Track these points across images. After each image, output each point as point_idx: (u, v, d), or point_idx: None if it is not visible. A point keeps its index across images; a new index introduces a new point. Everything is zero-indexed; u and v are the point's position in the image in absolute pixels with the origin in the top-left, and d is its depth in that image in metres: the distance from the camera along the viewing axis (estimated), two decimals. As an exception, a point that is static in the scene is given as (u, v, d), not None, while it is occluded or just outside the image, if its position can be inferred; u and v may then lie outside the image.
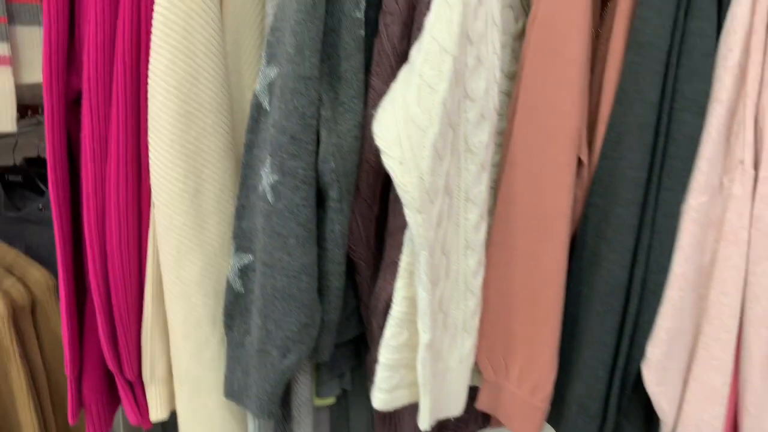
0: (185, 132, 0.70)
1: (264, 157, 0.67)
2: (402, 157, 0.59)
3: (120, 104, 0.72)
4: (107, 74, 0.72)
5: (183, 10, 0.68)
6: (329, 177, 0.67)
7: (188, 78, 0.69)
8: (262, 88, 0.68)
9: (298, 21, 0.63)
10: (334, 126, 0.67)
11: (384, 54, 0.69)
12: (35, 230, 1.21)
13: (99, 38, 0.72)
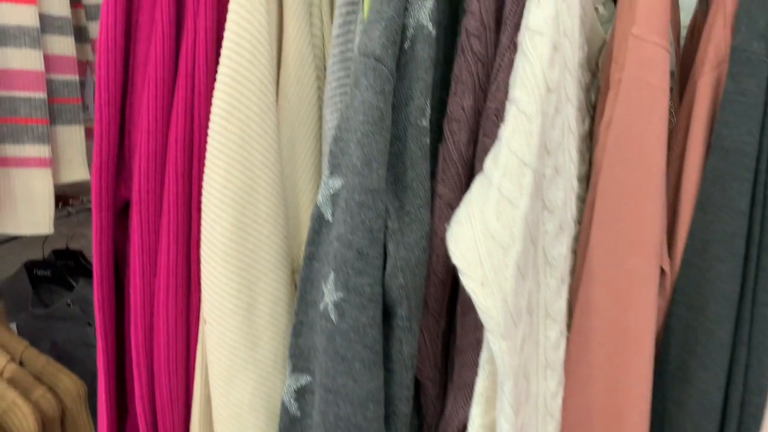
0: (240, 245, 0.66)
1: (327, 272, 0.63)
2: (484, 278, 0.55)
3: (171, 216, 0.69)
4: (158, 184, 0.70)
5: (240, 119, 0.65)
6: (397, 293, 0.62)
7: (245, 189, 0.66)
8: (324, 199, 0.64)
9: (365, 133, 0.61)
10: (401, 238, 0.63)
11: (450, 161, 0.66)
12: (62, 327, 1.17)
13: (151, 147, 0.69)
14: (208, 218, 0.66)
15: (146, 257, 0.69)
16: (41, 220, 0.88)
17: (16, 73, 0.83)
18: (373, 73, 0.61)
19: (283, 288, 0.70)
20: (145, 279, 0.69)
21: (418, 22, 0.65)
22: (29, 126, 0.85)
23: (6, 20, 0.82)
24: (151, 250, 0.69)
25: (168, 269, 0.68)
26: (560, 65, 0.59)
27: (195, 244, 0.70)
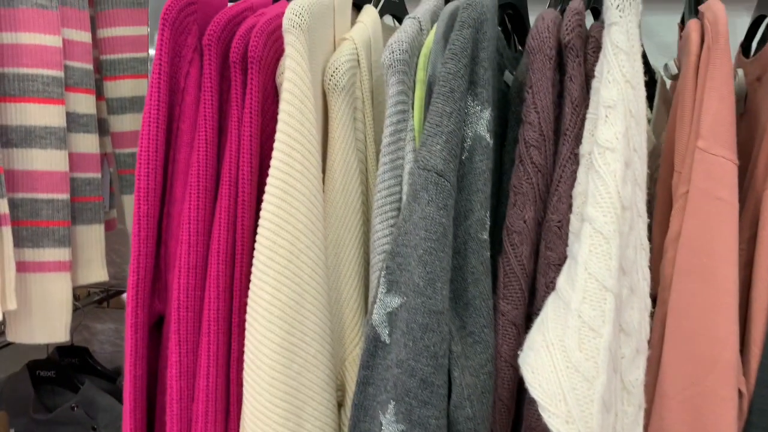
0: (287, 367, 0.61)
1: (384, 400, 0.58)
2: (568, 415, 0.51)
3: (211, 335, 0.64)
4: (198, 301, 0.65)
5: (290, 231, 0.62)
6: (465, 426, 0.57)
7: (293, 305, 0.62)
8: (380, 318, 0.60)
9: (428, 250, 0.57)
10: (466, 362, 0.59)
11: (513, 275, 0.62)
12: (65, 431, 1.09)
13: (192, 261, 0.65)
14: (253, 338, 0.61)
15: (184, 381, 0.63)
16: (57, 327, 0.83)
17: (40, 175, 0.80)
18: (435, 188, 0.58)
19: (330, 413, 0.65)
20: (182, 404, 0.63)
21: (476, 133, 0.63)
22: (50, 228, 0.81)
23: (33, 121, 0.79)
24: (189, 372, 0.64)
25: (207, 394, 0.63)
26: (631, 181, 0.57)
27: (235, 365, 0.66)
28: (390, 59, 0.66)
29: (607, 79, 0.58)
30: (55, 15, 0.80)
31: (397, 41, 0.67)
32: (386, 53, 0.67)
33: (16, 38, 0.77)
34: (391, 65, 0.66)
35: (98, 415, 1.09)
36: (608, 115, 0.57)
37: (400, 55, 0.66)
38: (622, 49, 0.58)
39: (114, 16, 0.97)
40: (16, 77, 0.78)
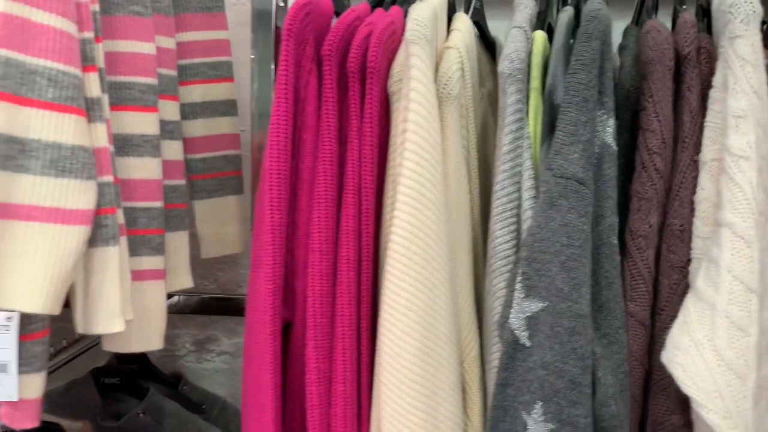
0: (425, 370, 0.63)
1: (529, 401, 0.61)
2: (726, 411, 0.54)
3: (346, 341, 0.65)
4: (330, 307, 0.66)
5: (422, 239, 0.64)
6: (609, 423, 0.60)
7: (428, 310, 0.64)
8: (518, 321, 0.62)
9: (571, 256, 0.60)
10: (606, 363, 0.62)
11: (639, 278, 0.65)
12: (131, 439, 1.08)
13: (324, 269, 0.66)
14: (391, 342, 0.63)
15: (322, 386, 0.64)
16: (153, 336, 0.82)
17: (138, 183, 0.79)
18: (575, 196, 0.61)
19: (460, 413, 0.67)
20: (322, 409, 0.64)
21: (603, 141, 0.65)
22: (147, 237, 0.80)
23: (130, 130, 0.78)
24: (326, 378, 0.65)
25: (345, 398, 0.64)
26: (764, 188, 0.60)
27: (365, 369, 0.67)
28: (510, 68, 0.68)
29: (735, 89, 0.61)
30: (150, 22, 0.80)
31: (516, 51, 0.69)
32: (505, 63, 0.69)
33: (114, 46, 0.77)
34: (511, 74, 0.68)
35: (165, 420, 1.09)
36: (739, 125, 0.60)
37: (519, 64, 0.68)
38: (748, 61, 0.61)
39: (186, 21, 0.96)
40: (114, 85, 0.77)
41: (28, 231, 0.60)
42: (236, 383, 1.32)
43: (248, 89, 1.15)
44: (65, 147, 0.61)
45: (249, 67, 0.98)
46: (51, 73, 0.61)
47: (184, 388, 1.17)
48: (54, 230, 0.61)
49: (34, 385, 0.66)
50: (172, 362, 1.30)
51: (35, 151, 0.60)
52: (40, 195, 0.61)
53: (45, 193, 0.61)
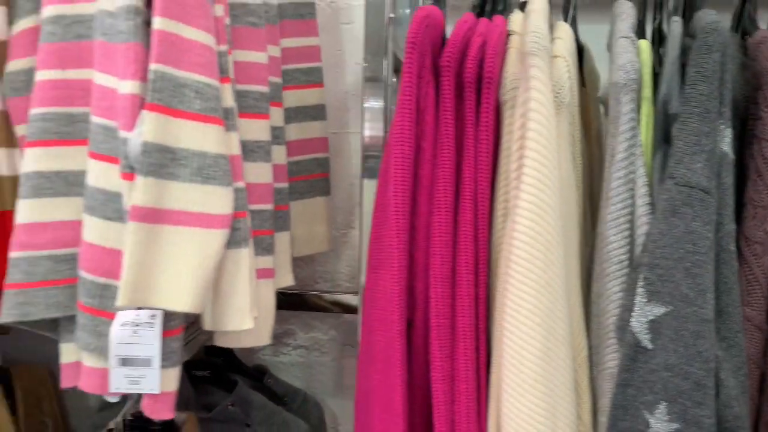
0: (546, 370, 0.66)
1: (651, 401, 0.63)
2: None
3: (468, 342, 0.68)
4: (450, 308, 0.69)
5: (543, 243, 0.66)
6: (732, 423, 0.62)
7: (549, 313, 0.66)
8: (640, 325, 0.65)
9: (696, 263, 0.62)
10: (727, 365, 0.64)
11: (756, 283, 0.67)
12: (220, 428, 1.13)
13: (444, 272, 0.69)
14: (514, 344, 0.65)
15: (446, 384, 0.67)
16: (264, 332, 0.86)
17: (252, 187, 0.82)
18: (700, 204, 0.63)
19: (575, 412, 0.70)
20: (447, 406, 0.67)
21: (722, 150, 0.67)
22: (259, 238, 0.84)
23: (245, 136, 0.82)
24: (449, 376, 0.68)
25: (467, 396, 0.67)
26: None
27: (483, 369, 0.70)
28: (625, 79, 0.70)
29: None
30: (264, 32, 0.83)
31: (630, 62, 0.70)
32: (620, 73, 0.70)
33: (233, 56, 0.80)
34: (626, 84, 0.70)
35: (252, 412, 1.13)
36: None
37: (633, 75, 0.70)
38: None
39: (283, 28, 1.00)
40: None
41: (177, 235, 0.64)
42: (311, 376, 1.36)
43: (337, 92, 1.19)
44: (209, 155, 0.65)
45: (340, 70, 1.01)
46: (198, 86, 0.64)
47: (268, 381, 1.21)
48: (200, 234, 0.65)
49: (171, 379, 0.71)
50: (250, 355, 1.35)
51: (184, 160, 0.64)
52: (188, 201, 0.64)
53: (192, 199, 0.65)
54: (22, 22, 0.82)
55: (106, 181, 0.70)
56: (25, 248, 0.76)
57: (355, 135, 1.26)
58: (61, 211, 0.77)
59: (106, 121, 0.70)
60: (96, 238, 0.71)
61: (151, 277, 0.63)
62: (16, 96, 0.83)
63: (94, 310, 0.72)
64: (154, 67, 0.62)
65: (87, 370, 0.73)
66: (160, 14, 0.61)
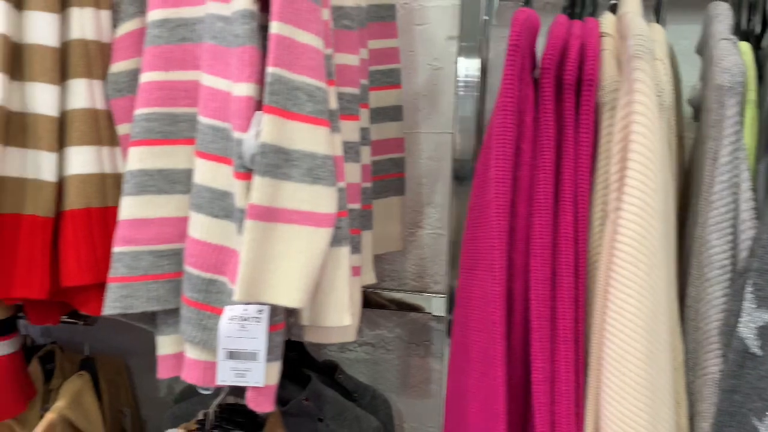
0: (649, 373, 0.66)
1: (761, 408, 0.63)
2: None
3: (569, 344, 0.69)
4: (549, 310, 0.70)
5: (648, 247, 0.66)
6: None
7: (652, 316, 0.66)
8: (749, 331, 0.64)
9: (811, 269, 0.61)
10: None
11: None
12: (294, 422, 1.15)
13: (546, 274, 0.70)
14: (616, 347, 0.66)
15: (548, 386, 0.68)
16: (350, 329, 0.88)
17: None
18: (815, 211, 0.62)
19: (674, 416, 0.69)
20: (549, 408, 0.68)
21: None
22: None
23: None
24: (550, 379, 0.68)
25: (568, 398, 0.68)
26: None
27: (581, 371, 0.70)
28: (731, 82, 0.70)
29: None
30: (356, 35, 0.85)
31: (735, 65, 0.70)
32: (726, 76, 0.70)
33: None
34: (731, 87, 0.70)
35: (325, 407, 1.15)
36: None
37: (739, 77, 0.70)
38: None
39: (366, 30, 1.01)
40: (326, 95, 0.82)
41: (289, 233, 0.66)
42: (376, 373, 1.38)
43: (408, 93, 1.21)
44: (318, 156, 0.67)
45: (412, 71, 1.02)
46: (309, 88, 0.66)
47: (339, 377, 1.23)
48: (309, 232, 0.67)
49: (274, 373, 0.73)
50: (316, 351, 1.37)
51: (296, 161, 0.66)
52: (299, 200, 0.66)
53: (303, 198, 0.66)
54: (125, 26, 0.86)
55: (213, 179, 0.73)
56: (128, 243, 0.79)
57: (425, 135, 1.27)
58: (163, 208, 0.79)
59: (216, 122, 0.72)
60: (202, 235, 0.74)
61: (265, 273, 0.65)
62: (119, 97, 0.86)
63: (200, 304, 0.74)
64: (271, 70, 0.64)
65: (190, 361, 0.76)
66: (277, 19, 0.63)
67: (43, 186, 0.83)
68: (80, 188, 0.83)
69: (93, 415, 1.05)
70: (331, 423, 1.15)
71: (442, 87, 1.25)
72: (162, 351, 0.83)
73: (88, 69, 0.83)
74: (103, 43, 0.85)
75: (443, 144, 1.26)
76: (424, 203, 1.29)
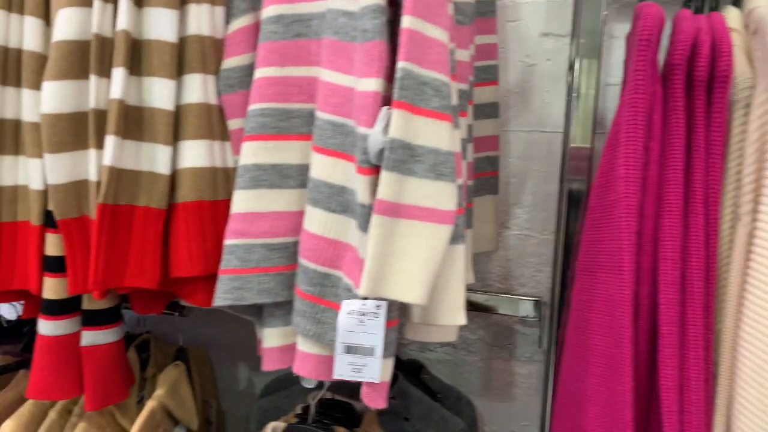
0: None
1: None
2: None
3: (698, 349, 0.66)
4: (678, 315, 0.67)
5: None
6: None
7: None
8: None
9: None
10: None
11: None
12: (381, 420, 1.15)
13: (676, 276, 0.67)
14: (754, 356, 0.63)
15: (678, 394, 0.65)
16: (453, 329, 0.87)
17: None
18: None
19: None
20: (678, 416, 0.65)
21: None
22: (454, 235, 0.85)
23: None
24: (679, 386, 0.66)
25: (698, 407, 0.65)
26: None
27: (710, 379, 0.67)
28: None
29: None
30: (469, 30, 0.84)
31: None
32: None
33: (441, 54, 0.81)
34: None
35: (411, 406, 1.15)
36: None
37: None
38: None
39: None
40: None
41: (412, 229, 0.66)
42: (457, 375, 1.36)
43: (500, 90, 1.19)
44: (441, 152, 0.66)
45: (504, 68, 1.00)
46: (436, 83, 0.65)
47: (424, 377, 1.22)
48: (431, 229, 0.66)
49: (388, 369, 0.72)
50: (399, 349, 1.37)
51: (421, 156, 0.65)
52: (422, 196, 0.66)
53: (426, 194, 0.66)
54: (237, 21, 0.87)
55: (331, 174, 0.73)
56: (241, 236, 0.80)
57: (514, 133, 1.25)
58: (276, 203, 0.80)
59: (336, 118, 0.72)
60: (319, 229, 0.74)
61: (388, 269, 0.65)
62: (231, 92, 0.87)
63: (314, 298, 0.75)
64: (402, 65, 0.63)
65: (302, 354, 0.76)
66: (410, 13, 0.63)
67: (158, 178, 0.85)
68: (193, 181, 0.85)
69: (188, 404, 1.08)
70: (418, 423, 1.15)
71: (534, 84, 1.22)
72: (268, 343, 0.84)
73: (203, 64, 0.85)
74: (217, 39, 0.87)
75: (533, 143, 1.24)
76: (511, 203, 1.26)
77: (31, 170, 0.88)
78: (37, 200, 0.88)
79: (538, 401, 1.32)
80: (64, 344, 0.93)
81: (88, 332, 0.94)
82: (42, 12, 0.87)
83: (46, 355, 0.92)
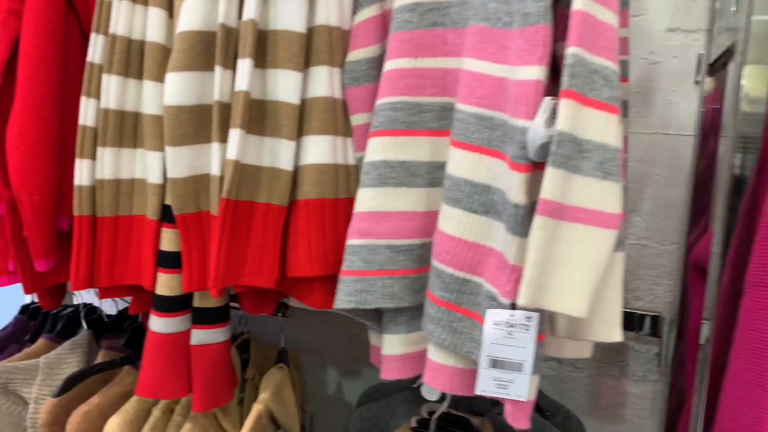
0: None
1: None
2: None
3: None
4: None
5: None
6: None
7: None
8: None
9: None
10: None
11: None
12: None
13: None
14: None
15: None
16: (589, 345, 0.81)
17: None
18: None
19: None
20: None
21: None
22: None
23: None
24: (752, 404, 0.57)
25: None
26: None
27: None
28: None
29: None
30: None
31: None
32: None
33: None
34: None
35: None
36: None
37: None
38: None
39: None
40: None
41: (575, 233, 0.59)
42: (562, 391, 1.28)
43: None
44: (610, 149, 0.60)
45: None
46: (606, 72, 0.59)
47: (532, 393, 1.15)
48: (594, 234, 0.60)
49: (535, 386, 0.66)
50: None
51: (588, 152, 0.59)
52: (587, 196, 0.59)
53: (591, 195, 0.59)
54: (364, 12, 0.83)
55: (474, 172, 0.68)
56: (366, 236, 0.76)
57: (635, 135, 1.17)
58: (402, 202, 0.76)
59: (482, 110, 0.67)
60: (457, 231, 0.69)
61: (550, 277, 0.59)
62: (356, 86, 0.83)
63: (451, 305, 0.69)
64: (572, 50, 0.57)
65: (435, 365, 0.71)
66: (583, -7, 0.57)
67: (280, 174, 0.82)
68: (315, 178, 0.81)
69: (291, 408, 1.04)
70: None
71: (658, 83, 1.14)
72: (389, 351, 0.79)
73: (330, 56, 0.81)
74: (344, 30, 0.83)
75: (656, 146, 1.15)
76: (629, 210, 1.18)
77: (150, 163, 0.86)
78: (155, 194, 0.87)
79: (652, 425, 1.22)
80: (174, 342, 0.91)
81: (199, 330, 0.91)
82: (166, 3, 0.85)
83: (158, 353, 0.90)
